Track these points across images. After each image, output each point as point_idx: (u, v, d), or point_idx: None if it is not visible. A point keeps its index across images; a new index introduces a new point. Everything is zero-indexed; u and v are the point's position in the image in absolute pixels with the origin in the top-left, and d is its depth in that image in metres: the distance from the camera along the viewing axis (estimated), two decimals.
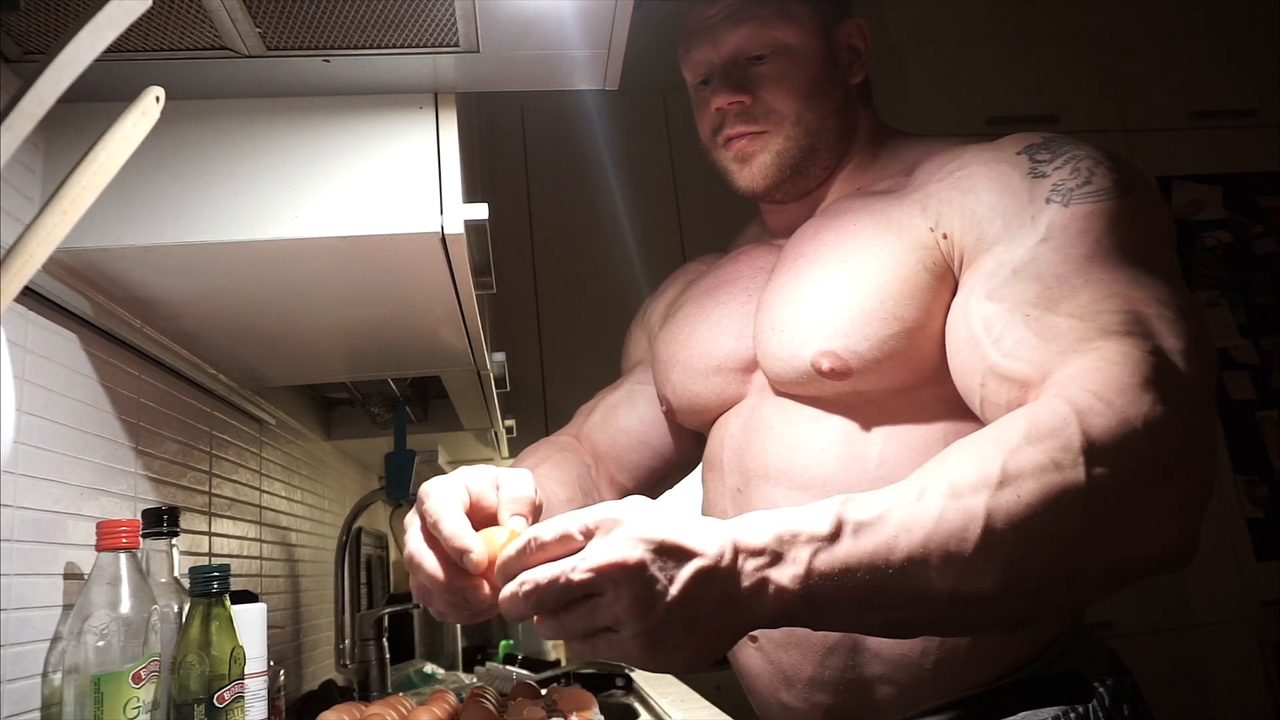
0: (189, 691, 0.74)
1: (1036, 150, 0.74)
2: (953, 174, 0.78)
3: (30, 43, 0.70)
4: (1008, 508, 0.53)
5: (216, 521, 1.15)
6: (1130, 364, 0.58)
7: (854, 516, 0.53)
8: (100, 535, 0.71)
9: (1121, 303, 0.63)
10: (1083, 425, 0.55)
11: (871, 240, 0.79)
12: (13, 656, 0.68)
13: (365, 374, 1.38)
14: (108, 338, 0.88)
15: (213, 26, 0.70)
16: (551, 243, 2.46)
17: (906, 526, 0.53)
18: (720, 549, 0.51)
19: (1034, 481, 0.53)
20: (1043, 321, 0.65)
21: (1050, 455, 0.54)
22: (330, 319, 1.02)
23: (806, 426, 0.81)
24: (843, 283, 0.78)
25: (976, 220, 0.73)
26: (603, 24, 0.75)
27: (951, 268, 0.75)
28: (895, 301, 0.75)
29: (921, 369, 0.76)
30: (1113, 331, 0.61)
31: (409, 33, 0.74)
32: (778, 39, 0.87)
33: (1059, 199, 0.70)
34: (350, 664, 1.48)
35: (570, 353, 2.39)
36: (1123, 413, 0.55)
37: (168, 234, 0.76)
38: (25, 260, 0.49)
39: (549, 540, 0.53)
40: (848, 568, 0.52)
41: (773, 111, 0.87)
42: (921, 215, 0.77)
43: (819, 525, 0.53)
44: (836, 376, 0.77)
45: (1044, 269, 0.67)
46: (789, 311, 0.81)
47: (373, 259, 0.83)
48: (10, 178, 0.71)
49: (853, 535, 0.53)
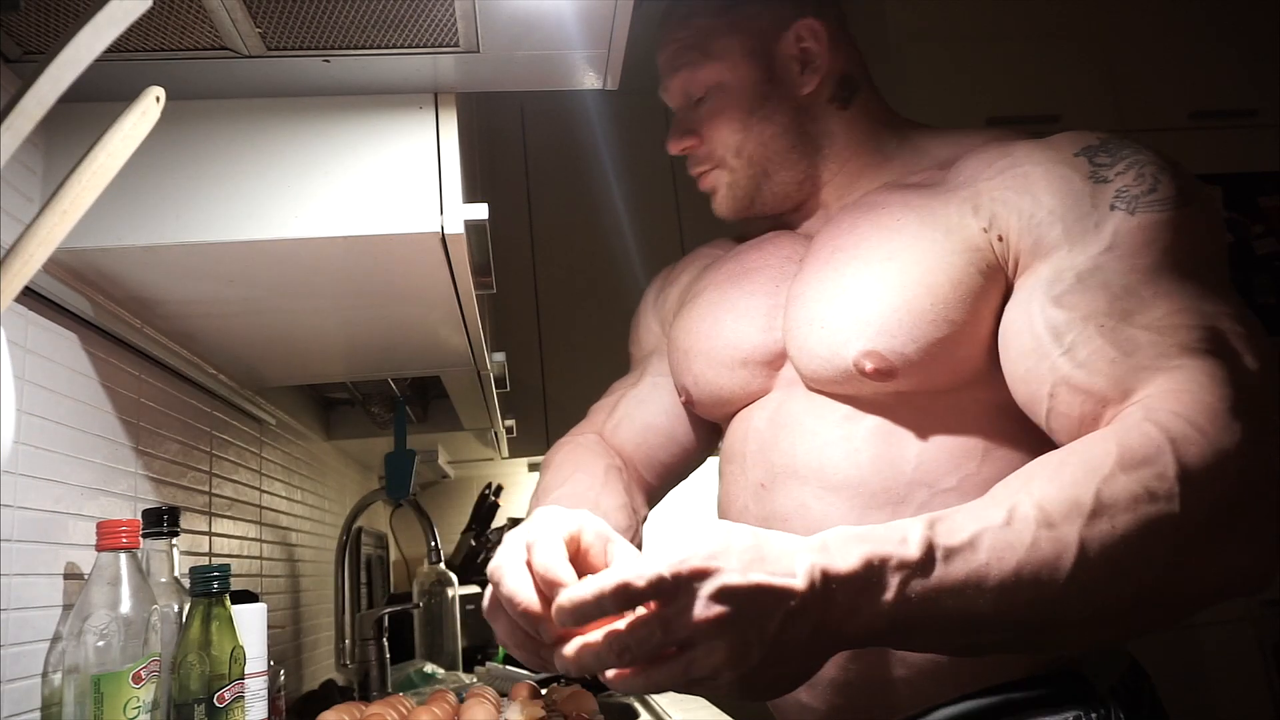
0: (189, 691, 0.74)
1: (1095, 152, 0.72)
2: (1005, 172, 0.75)
3: (30, 43, 0.70)
4: (1101, 539, 0.52)
5: (217, 521, 1.15)
6: (1217, 387, 0.57)
7: (944, 541, 0.52)
8: (100, 535, 0.71)
9: (1197, 318, 0.62)
10: (1177, 454, 0.54)
11: (919, 237, 0.76)
12: (13, 656, 0.68)
13: (365, 374, 1.38)
14: (108, 338, 0.88)
15: (213, 26, 0.70)
16: (551, 243, 2.46)
17: (999, 554, 0.52)
18: (810, 581, 0.50)
19: (1129, 513, 0.52)
20: (1119, 333, 0.63)
21: (1145, 485, 0.53)
22: (330, 319, 1.02)
23: (840, 425, 0.78)
24: (890, 281, 0.75)
25: (1035, 223, 0.71)
26: (603, 24, 0.75)
27: (1004, 270, 0.73)
28: (946, 303, 0.72)
29: (964, 372, 0.74)
30: (1193, 349, 0.60)
31: (409, 33, 0.74)
32: (708, 80, 0.89)
33: (1124, 206, 0.68)
34: (350, 664, 1.48)
35: (570, 353, 2.39)
36: (1216, 442, 0.54)
37: (168, 234, 0.76)
38: (25, 260, 0.49)
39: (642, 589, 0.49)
40: (939, 593, 0.51)
41: (714, 151, 0.90)
42: (974, 215, 0.75)
43: (909, 550, 0.52)
44: (879, 377, 0.74)
45: (1112, 278, 0.65)
46: (829, 307, 0.78)
47: (373, 259, 0.83)
48: (10, 178, 0.71)
49: (944, 561, 0.52)
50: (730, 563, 0.50)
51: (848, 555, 0.51)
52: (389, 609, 1.50)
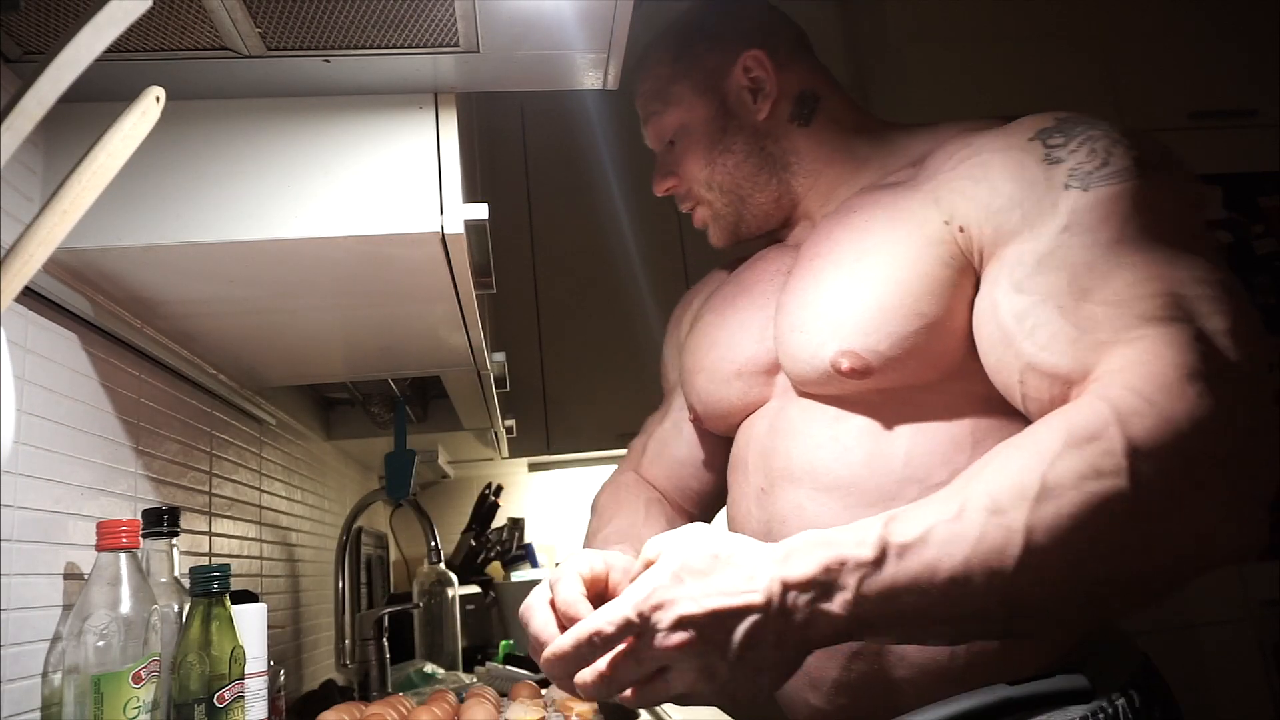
0: (189, 691, 0.74)
1: (1050, 134, 0.72)
2: (964, 163, 0.76)
3: (30, 43, 0.70)
4: (1048, 521, 0.52)
5: (217, 521, 1.15)
6: (1174, 354, 0.56)
7: (897, 539, 0.54)
8: (100, 535, 0.71)
9: (1158, 285, 0.61)
10: (1124, 428, 0.53)
11: (887, 236, 0.78)
12: (13, 656, 0.68)
13: (365, 374, 1.38)
14: (108, 338, 0.88)
15: (213, 26, 0.70)
16: (551, 243, 2.46)
17: (948, 547, 0.53)
18: (769, 593, 0.53)
19: (1075, 492, 0.52)
20: (1078, 312, 0.62)
21: (1091, 462, 0.53)
22: (330, 319, 1.02)
23: (829, 426, 0.80)
24: (860, 280, 0.77)
25: (993, 211, 0.71)
26: (603, 24, 0.75)
27: (971, 261, 0.73)
28: (915, 297, 0.73)
29: (945, 365, 0.75)
30: (1152, 318, 0.59)
31: (409, 33, 0.74)
32: (672, 124, 0.96)
33: (1077, 184, 0.67)
34: (350, 664, 1.48)
35: (570, 353, 2.39)
36: (1166, 411, 0.53)
37: (168, 234, 0.76)
38: (25, 260, 0.49)
39: (612, 634, 0.55)
40: (894, 590, 0.53)
41: (691, 188, 0.96)
42: (936, 209, 0.76)
43: (864, 551, 0.53)
44: (857, 375, 0.76)
45: (1071, 257, 0.65)
46: (808, 312, 0.81)
47: (373, 259, 0.83)
48: (10, 177, 0.71)
49: (897, 558, 0.53)
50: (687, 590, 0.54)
51: (806, 562, 0.54)
52: (389, 609, 1.50)
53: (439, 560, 1.63)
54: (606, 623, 0.55)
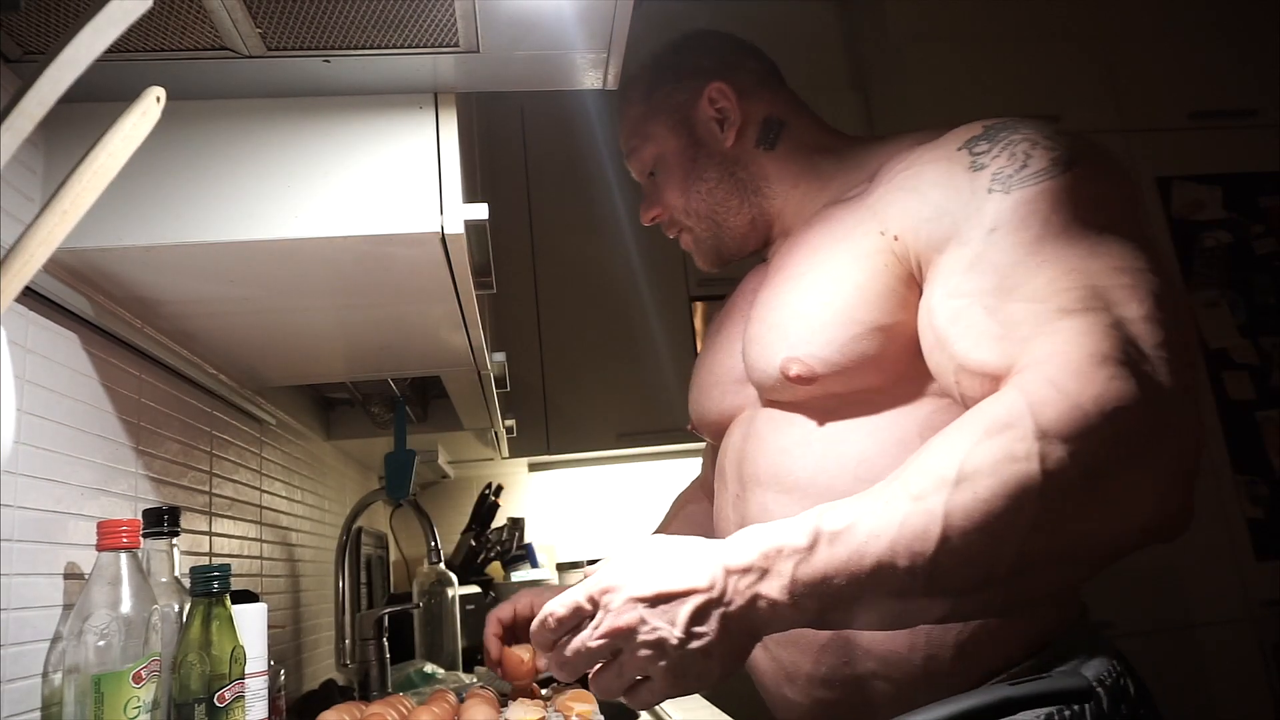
0: (189, 691, 0.74)
1: (976, 142, 0.75)
2: (899, 174, 0.80)
3: (31, 43, 0.70)
4: (965, 505, 0.55)
5: (217, 521, 1.15)
6: (1087, 343, 0.59)
7: (828, 528, 0.58)
8: (101, 535, 0.71)
9: (1076, 278, 0.63)
10: (1035, 415, 0.56)
11: (830, 250, 0.83)
12: (13, 656, 0.68)
13: (365, 374, 1.38)
14: (108, 338, 0.88)
15: (213, 27, 0.70)
16: (551, 243, 2.46)
17: (874, 532, 0.56)
18: (711, 579, 0.58)
19: (990, 477, 0.55)
20: (1001, 311, 0.65)
21: (1005, 449, 0.56)
22: (330, 319, 1.02)
23: (789, 431, 0.84)
24: (804, 292, 0.82)
25: (923, 220, 0.74)
26: (603, 24, 0.75)
27: (909, 269, 0.76)
28: (851, 306, 0.77)
29: (892, 369, 0.78)
30: (1070, 310, 0.61)
31: (409, 33, 0.74)
32: (650, 158, 1.01)
33: (1000, 188, 0.70)
34: (350, 664, 1.48)
35: (570, 353, 2.39)
36: (1074, 397, 0.56)
37: (168, 234, 0.76)
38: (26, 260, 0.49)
39: (564, 615, 0.61)
40: (826, 575, 0.56)
41: (674, 215, 1.02)
42: (873, 220, 0.79)
43: (798, 539, 0.58)
44: (804, 381, 0.80)
45: (997, 258, 0.68)
46: (762, 325, 0.87)
47: (373, 259, 0.83)
48: (11, 178, 0.71)
49: (828, 545, 0.57)
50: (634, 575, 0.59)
51: (747, 550, 0.58)
52: (389, 609, 1.50)
53: (439, 560, 1.63)
54: (559, 605, 0.61)
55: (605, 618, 0.58)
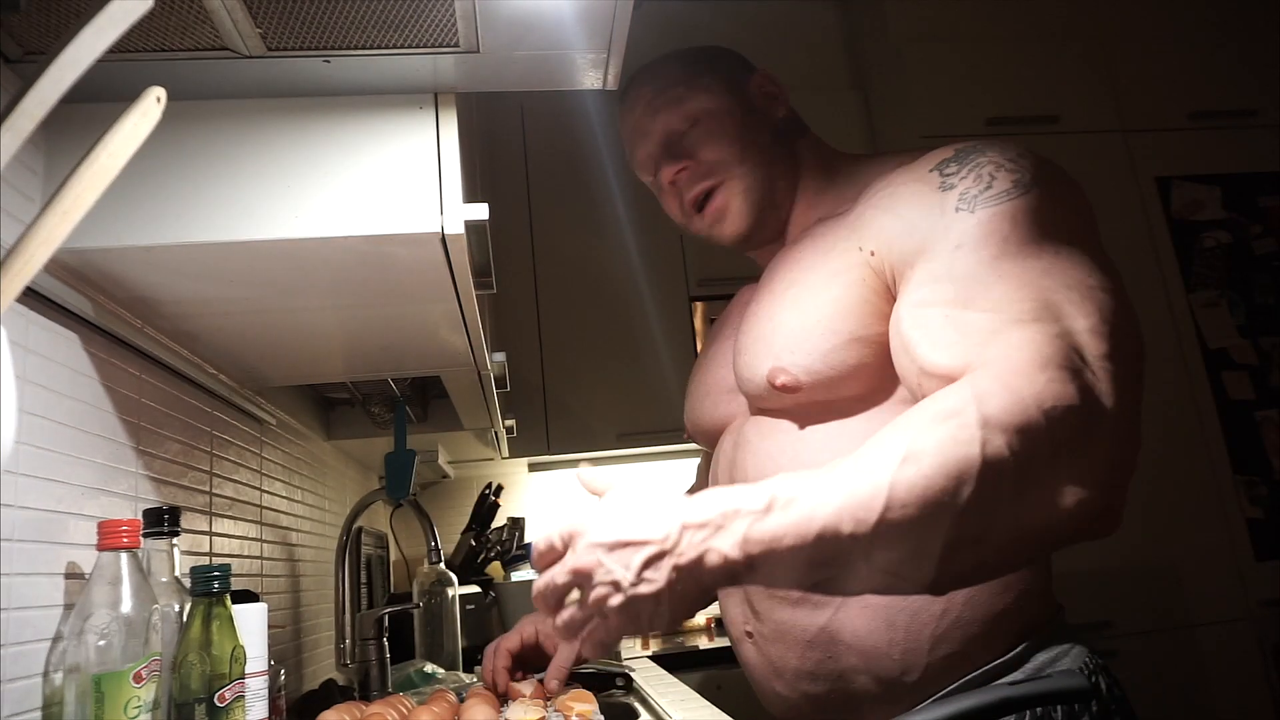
0: (190, 691, 0.74)
1: (946, 164, 0.80)
2: (878, 194, 0.84)
3: (31, 43, 0.70)
4: (909, 480, 0.59)
5: (217, 521, 1.15)
6: (1032, 348, 0.63)
7: (783, 494, 0.62)
8: (101, 535, 0.71)
9: (1030, 291, 0.68)
10: (980, 406, 0.60)
11: (811, 265, 0.87)
12: (13, 656, 0.68)
13: (365, 374, 1.38)
14: (109, 338, 0.88)
15: (213, 27, 0.70)
16: (551, 243, 2.46)
17: (824, 499, 0.60)
18: (666, 532, 0.62)
19: (934, 456, 0.59)
20: (960, 318, 0.70)
21: (950, 433, 0.60)
22: (330, 319, 1.03)
23: (775, 437, 0.88)
24: (788, 305, 0.87)
25: (895, 236, 0.79)
26: (603, 24, 0.75)
27: (886, 282, 0.81)
28: (830, 317, 0.82)
29: (872, 377, 0.82)
30: (1021, 320, 0.66)
31: (409, 33, 0.74)
32: (694, 110, 0.97)
33: (965, 207, 0.75)
34: (350, 663, 1.48)
35: (570, 353, 2.39)
36: (1018, 392, 0.61)
37: (168, 234, 0.76)
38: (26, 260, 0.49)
39: (541, 549, 0.66)
40: (776, 535, 0.60)
41: (717, 164, 0.96)
42: (851, 237, 0.84)
43: (755, 502, 0.62)
44: (789, 390, 0.84)
45: (959, 271, 0.72)
46: (749, 336, 0.91)
47: (373, 259, 0.83)
48: (11, 178, 0.71)
49: (781, 508, 0.61)
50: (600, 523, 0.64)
51: (706, 509, 0.62)
52: (389, 609, 1.50)
53: (439, 560, 1.63)
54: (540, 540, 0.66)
55: (569, 557, 0.63)
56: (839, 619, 0.81)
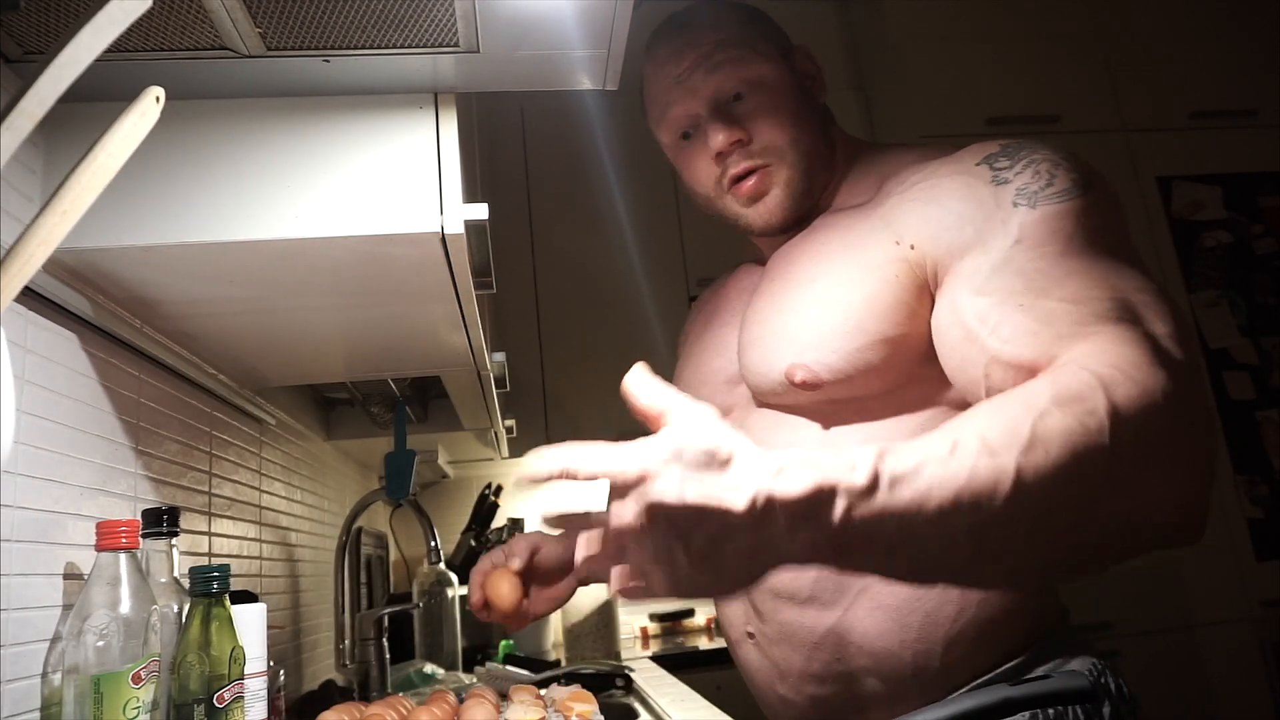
0: (189, 691, 0.74)
1: (995, 159, 0.77)
2: (914, 186, 0.81)
3: (30, 43, 0.70)
4: (1036, 466, 0.54)
5: (216, 521, 1.15)
6: (1136, 345, 0.61)
7: (890, 469, 0.54)
8: (100, 535, 0.71)
9: (1107, 290, 0.66)
10: (1108, 392, 0.57)
11: (837, 258, 0.83)
12: (13, 656, 0.68)
13: (365, 374, 1.38)
14: (108, 338, 0.88)
15: (213, 26, 0.70)
16: (551, 243, 2.46)
17: (940, 480, 0.54)
18: (752, 504, 0.52)
19: (1061, 445, 0.55)
20: (1037, 308, 0.67)
21: (1078, 419, 0.56)
22: (330, 319, 1.02)
23: (785, 434, 0.85)
24: (812, 300, 0.83)
25: (946, 228, 0.76)
26: (603, 24, 0.75)
27: (923, 277, 0.78)
28: (860, 316, 0.79)
29: (891, 376, 0.80)
30: (1107, 317, 0.64)
31: (409, 33, 0.74)
32: (752, 76, 0.90)
33: (1025, 202, 0.73)
34: (350, 664, 1.48)
35: (570, 353, 2.39)
36: (1143, 384, 0.57)
37: (168, 234, 0.76)
38: (25, 260, 0.49)
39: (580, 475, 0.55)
40: (881, 518, 0.53)
41: (770, 144, 0.89)
42: (885, 230, 0.81)
43: (858, 477, 0.54)
44: (809, 387, 0.82)
45: (1024, 265, 0.70)
46: (765, 329, 0.87)
47: (373, 259, 0.83)
48: (10, 178, 0.71)
49: (889, 488, 0.54)
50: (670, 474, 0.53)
51: (798, 480, 0.53)
52: (389, 609, 1.50)
53: (439, 560, 1.63)
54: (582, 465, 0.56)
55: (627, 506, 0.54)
56: (848, 619, 0.80)
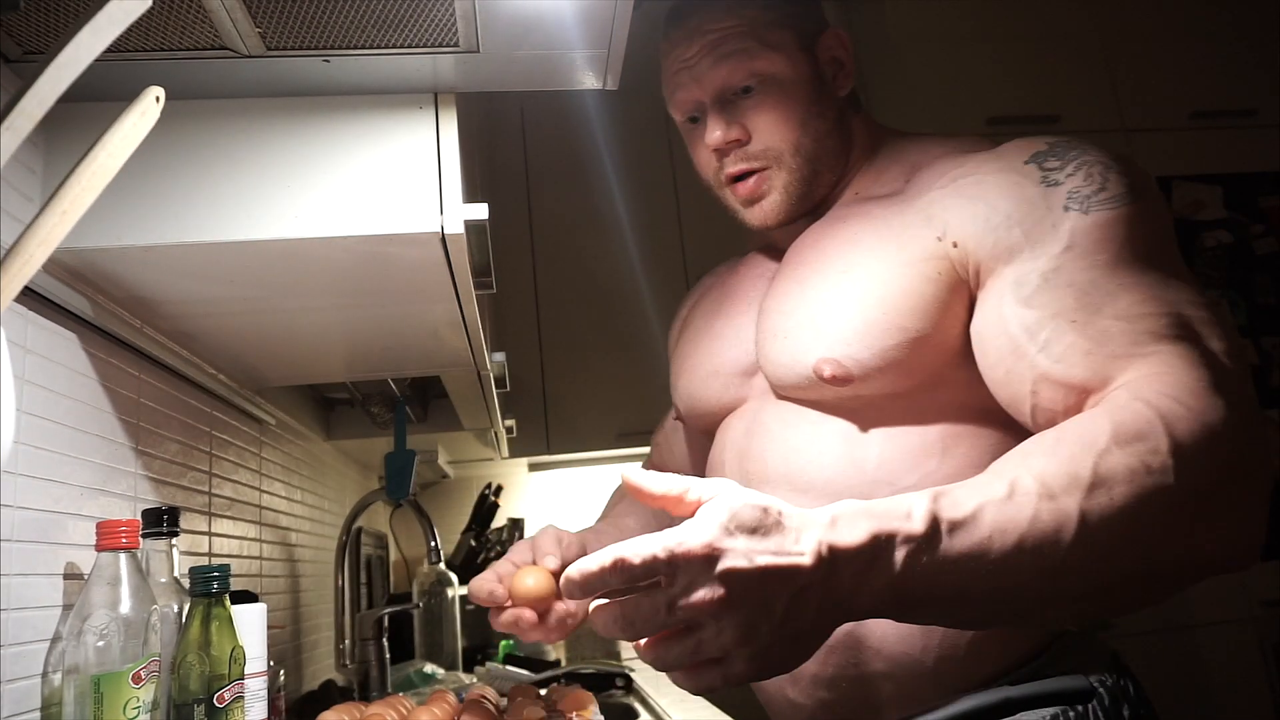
0: (189, 691, 0.74)
1: (1044, 158, 0.74)
2: (958, 181, 0.78)
3: (30, 43, 0.70)
4: (1101, 510, 0.53)
5: (216, 521, 1.15)
6: (1193, 369, 0.59)
7: (949, 515, 0.53)
8: (100, 535, 0.71)
9: (1162, 305, 0.64)
10: (1169, 429, 0.55)
11: (874, 250, 0.79)
12: (13, 656, 0.68)
13: (365, 374, 1.38)
14: (108, 338, 0.88)
15: (213, 26, 0.70)
16: (551, 243, 2.45)
17: (1001, 527, 0.52)
18: (818, 558, 0.50)
19: (1126, 485, 0.54)
20: (1091, 326, 0.65)
21: (1141, 459, 0.54)
22: (330, 319, 1.02)
23: (806, 429, 0.82)
24: (846, 292, 0.79)
25: (992, 227, 0.73)
26: (603, 24, 0.75)
27: (963, 276, 0.75)
28: (898, 312, 0.76)
29: (923, 376, 0.77)
30: (1163, 335, 0.62)
31: (409, 33, 0.74)
32: (762, 69, 0.85)
33: (1077, 206, 0.70)
34: (350, 664, 1.48)
35: (570, 353, 2.39)
36: (1203, 417, 0.56)
37: (168, 234, 0.76)
38: (25, 260, 0.49)
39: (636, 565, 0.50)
40: (942, 566, 0.52)
41: (770, 147, 0.86)
42: (927, 225, 0.77)
43: (915, 525, 0.52)
44: (838, 383, 0.78)
45: (1075, 276, 0.67)
46: (791, 320, 0.82)
47: (373, 259, 0.83)
48: (10, 178, 0.71)
49: (948, 535, 0.52)
50: (736, 544, 0.50)
51: (855, 530, 0.51)
52: (389, 609, 1.50)
53: (439, 560, 1.63)
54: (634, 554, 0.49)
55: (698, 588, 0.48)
56: (867, 622, 0.75)
